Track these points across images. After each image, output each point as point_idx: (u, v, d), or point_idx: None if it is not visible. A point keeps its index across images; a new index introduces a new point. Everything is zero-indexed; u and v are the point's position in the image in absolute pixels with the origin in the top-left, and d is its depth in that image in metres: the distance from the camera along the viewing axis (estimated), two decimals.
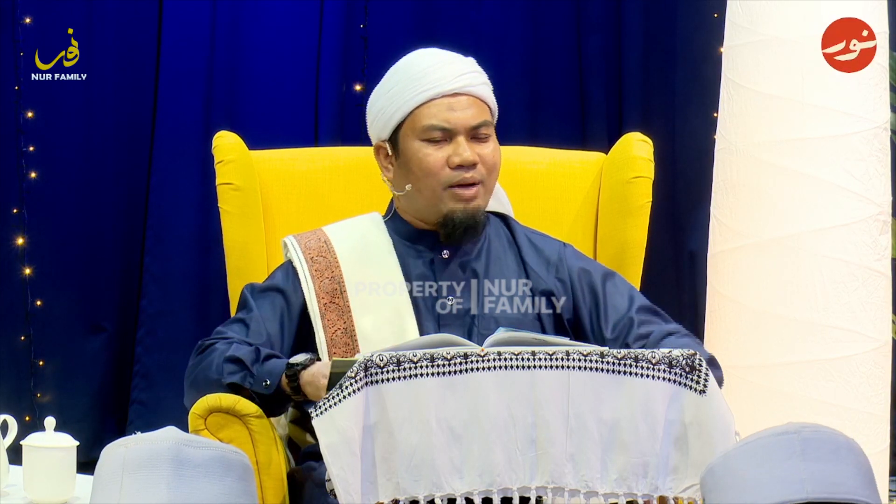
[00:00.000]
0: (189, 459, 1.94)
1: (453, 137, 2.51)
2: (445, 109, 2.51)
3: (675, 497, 2.14)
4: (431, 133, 2.50)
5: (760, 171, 3.23)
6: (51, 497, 2.80)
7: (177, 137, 4.28)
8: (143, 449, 1.94)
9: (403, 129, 2.53)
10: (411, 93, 2.51)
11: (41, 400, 4.23)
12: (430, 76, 2.51)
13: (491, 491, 2.10)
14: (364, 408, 2.09)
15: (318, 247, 2.55)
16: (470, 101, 2.52)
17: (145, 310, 4.30)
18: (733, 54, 3.29)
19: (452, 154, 2.50)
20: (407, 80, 2.52)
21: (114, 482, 1.93)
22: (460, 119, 2.51)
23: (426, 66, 2.53)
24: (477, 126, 2.52)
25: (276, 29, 4.31)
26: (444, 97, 2.51)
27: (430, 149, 2.51)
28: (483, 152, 2.52)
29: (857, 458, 1.99)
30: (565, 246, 2.62)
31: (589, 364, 2.13)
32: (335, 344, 2.45)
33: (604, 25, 4.39)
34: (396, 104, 2.52)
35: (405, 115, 2.52)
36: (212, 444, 1.99)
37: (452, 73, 2.52)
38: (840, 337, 3.18)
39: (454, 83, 2.51)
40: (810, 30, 3.18)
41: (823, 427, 2.02)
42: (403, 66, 2.56)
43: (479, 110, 2.53)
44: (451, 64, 2.54)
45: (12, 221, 4.21)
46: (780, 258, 3.20)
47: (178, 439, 1.96)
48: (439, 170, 2.50)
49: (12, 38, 4.17)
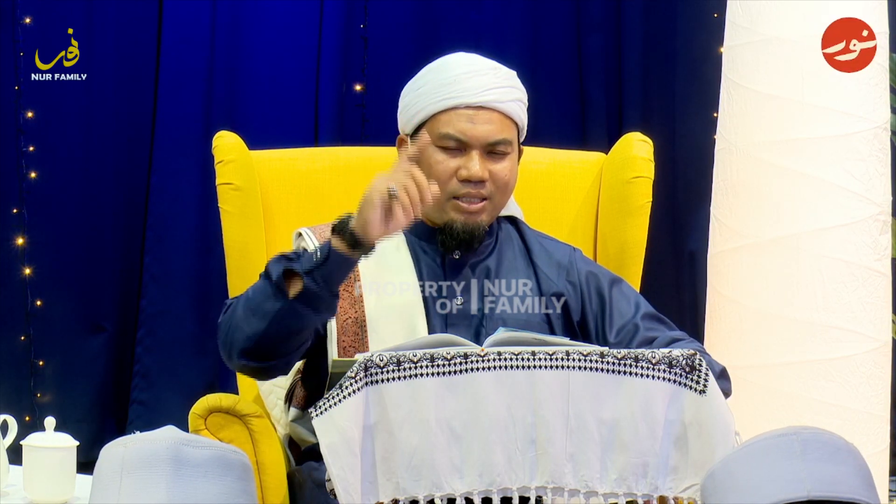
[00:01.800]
0: (188, 459, 1.93)
1: (467, 150, 2.48)
2: (465, 121, 2.48)
3: (675, 497, 2.13)
4: (446, 141, 2.48)
5: (760, 171, 3.23)
6: (51, 497, 2.80)
7: (177, 137, 4.28)
8: (142, 449, 1.94)
9: (424, 129, 2.51)
10: (437, 97, 2.49)
11: (41, 400, 4.23)
12: (458, 84, 2.48)
13: (491, 491, 2.10)
14: (364, 408, 2.09)
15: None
16: (494, 116, 2.49)
17: (145, 310, 4.30)
18: (733, 54, 3.29)
19: (462, 166, 2.47)
20: (436, 83, 2.50)
21: (113, 482, 1.93)
22: (477, 133, 2.48)
23: (458, 73, 2.49)
24: (494, 143, 2.48)
25: (276, 29, 4.31)
26: (467, 108, 2.48)
27: (442, 156, 2.49)
28: (495, 168, 2.49)
29: (856, 460, 1.99)
30: (574, 250, 2.62)
31: (589, 364, 2.13)
32: (345, 332, 2.45)
33: (604, 25, 4.39)
34: (422, 104, 2.51)
35: (427, 117, 2.50)
36: (212, 443, 1.98)
37: (482, 86, 2.48)
38: (840, 337, 3.18)
39: (480, 97, 2.48)
40: (810, 30, 3.18)
41: (823, 430, 2.03)
42: (438, 66, 2.54)
43: (501, 127, 2.49)
44: (483, 75, 2.50)
45: (12, 221, 4.22)
46: (780, 258, 3.20)
47: (177, 439, 1.95)
48: (447, 179, 2.48)
49: (12, 38, 4.17)
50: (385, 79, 4.26)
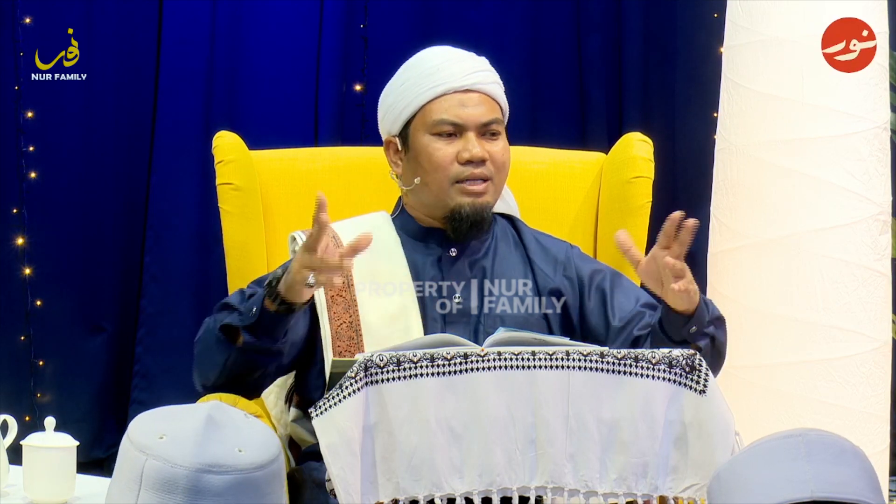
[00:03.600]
0: (207, 489, 1.89)
1: (463, 133, 2.52)
2: (457, 105, 2.53)
3: (675, 497, 2.14)
4: (442, 127, 2.52)
5: (760, 171, 3.23)
6: (51, 497, 2.79)
7: (177, 137, 4.28)
8: (162, 469, 1.90)
9: (414, 124, 2.54)
10: (422, 87, 2.53)
11: (41, 400, 4.23)
12: (442, 72, 2.53)
13: (490, 491, 2.10)
14: (364, 408, 2.09)
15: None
16: (481, 98, 2.54)
17: (145, 310, 4.30)
18: (733, 54, 3.29)
19: (462, 149, 2.52)
20: (418, 76, 2.55)
21: (131, 490, 1.92)
22: (471, 115, 2.53)
23: (438, 63, 2.55)
24: (487, 123, 2.54)
25: (276, 29, 4.31)
26: (455, 93, 2.53)
27: (439, 143, 2.52)
28: (493, 150, 2.53)
29: (861, 462, 1.99)
30: (572, 247, 2.63)
31: (589, 364, 2.13)
32: (340, 337, 2.45)
33: (604, 25, 4.39)
34: (408, 99, 2.54)
35: (416, 110, 2.54)
36: (236, 467, 1.92)
37: (464, 70, 2.54)
38: (840, 337, 3.18)
39: (466, 80, 2.53)
40: (810, 30, 3.18)
41: (828, 432, 2.03)
42: (415, 62, 2.59)
43: (490, 108, 2.55)
44: (463, 61, 2.57)
45: (12, 221, 4.22)
46: (780, 258, 3.20)
47: (200, 463, 1.91)
48: (448, 164, 2.51)
49: (12, 38, 4.17)
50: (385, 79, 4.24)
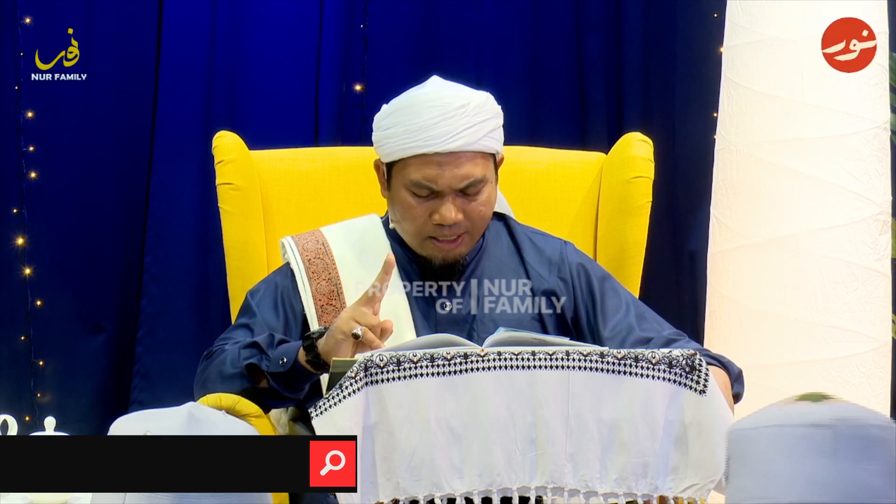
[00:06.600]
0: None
1: (439, 195, 2.48)
2: (435, 167, 2.46)
3: (675, 497, 2.14)
4: (417, 189, 2.49)
5: (760, 171, 3.23)
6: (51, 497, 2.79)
7: (177, 137, 4.28)
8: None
9: (395, 170, 2.52)
10: (405, 143, 2.48)
11: (41, 400, 4.23)
12: (426, 132, 2.46)
13: (490, 491, 2.10)
14: (364, 408, 2.09)
15: (316, 248, 2.55)
16: (463, 157, 2.48)
17: (145, 310, 4.30)
18: (733, 54, 3.29)
19: (434, 211, 2.48)
20: (404, 129, 2.48)
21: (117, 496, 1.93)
22: (447, 180, 2.47)
23: (425, 120, 2.47)
24: (465, 186, 2.49)
25: (276, 29, 4.30)
26: (436, 154, 2.46)
27: (414, 200, 2.50)
28: (469, 207, 2.49)
29: (887, 450, 1.97)
30: (566, 244, 2.63)
31: (589, 364, 2.13)
32: None
33: (604, 25, 4.38)
34: (391, 147, 2.50)
35: (397, 160, 2.50)
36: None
37: (449, 132, 2.46)
38: (840, 337, 3.18)
39: (450, 143, 2.46)
40: (810, 30, 3.18)
41: (858, 416, 1.98)
42: (407, 107, 2.50)
43: (473, 167, 2.48)
44: (450, 119, 2.47)
45: (12, 221, 4.21)
46: (780, 258, 3.20)
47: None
48: (421, 223, 2.50)
49: (12, 38, 4.16)
50: (385, 79, 4.25)
